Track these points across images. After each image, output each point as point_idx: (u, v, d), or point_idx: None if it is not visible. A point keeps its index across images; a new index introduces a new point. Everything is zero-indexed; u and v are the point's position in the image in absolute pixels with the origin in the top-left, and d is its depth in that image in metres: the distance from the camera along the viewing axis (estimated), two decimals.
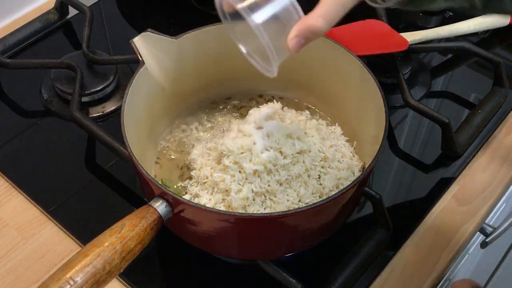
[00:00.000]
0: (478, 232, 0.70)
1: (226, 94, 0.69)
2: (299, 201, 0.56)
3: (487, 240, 0.70)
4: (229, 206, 0.55)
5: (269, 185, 0.55)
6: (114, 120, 0.74)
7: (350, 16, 0.78)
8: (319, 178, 0.58)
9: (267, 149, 0.56)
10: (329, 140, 0.61)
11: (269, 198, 0.56)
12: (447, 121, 0.68)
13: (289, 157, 0.56)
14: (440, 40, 0.81)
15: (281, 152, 0.56)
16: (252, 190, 0.55)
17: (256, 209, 0.55)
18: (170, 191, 0.50)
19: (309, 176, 0.57)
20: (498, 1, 0.45)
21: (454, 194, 0.68)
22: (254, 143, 0.56)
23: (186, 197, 0.58)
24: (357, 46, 0.71)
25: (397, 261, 0.62)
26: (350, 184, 0.51)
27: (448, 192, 0.68)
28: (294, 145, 0.57)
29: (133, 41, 0.59)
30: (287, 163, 0.56)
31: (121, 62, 0.75)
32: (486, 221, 0.69)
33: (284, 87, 0.69)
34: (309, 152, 0.57)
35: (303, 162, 0.57)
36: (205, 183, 0.58)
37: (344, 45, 0.62)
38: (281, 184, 0.56)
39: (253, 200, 0.55)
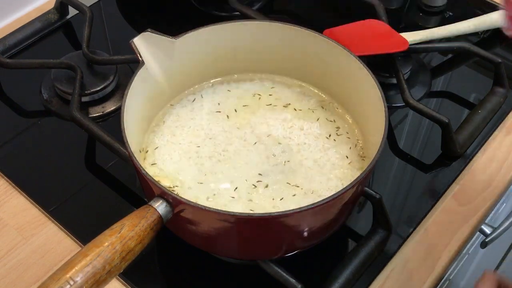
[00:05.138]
0: (478, 232, 0.70)
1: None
2: None
3: (487, 240, 0.70)
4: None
5: None
6: (114, 120, 0.74)
7: (350, 16, 0.78)
8: None
9: None
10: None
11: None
12: (447, 121, 0.68)
13: None
14: (440, 40, 0.81)
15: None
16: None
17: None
18: (170, 191, 0.50)
19: None
20: None
21: (454, 194, 0.68)
22: None
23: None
24: (357, 46, 0.71)
25: (397, 261, 0.62)
26: (350, 184, 0.51)
27: (448, 192, 0.68)
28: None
29: (133, 41, 0.59)
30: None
31: (121, 62, 0.75)
32: (486, 221, 0.69)
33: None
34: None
35: None
36: None
37: (344, 45, 0.62)
38: None
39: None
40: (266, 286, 0.59)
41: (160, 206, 0.50)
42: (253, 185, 0.58)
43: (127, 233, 0.47)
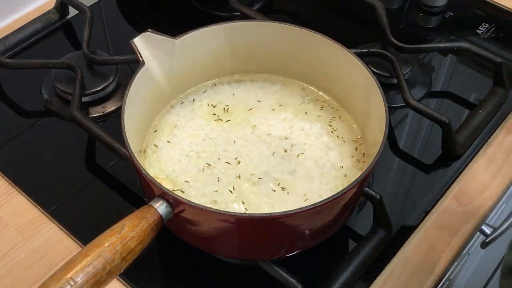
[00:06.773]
0: (478, 232, 0.70)
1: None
2: None
3: (487, 240, 0.70)
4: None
5: None
6: (114, 120, 0.74)
7: (350, 16, 0.78)
8: None
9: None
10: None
11: None
12: (447, 121, 0.68)
13: None
14: (440, 40, 0.81)
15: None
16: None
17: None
18: (170, 191, 0.50)
19: None
20: None
21: (454, 194, 0.68)
22: None
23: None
24: None
25: (397, 261, 0.62)
26: (350, 184, 0.51)
27: (448, 192, 0.68)
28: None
29: (133, 41, 0.59)
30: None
31: (121, 62, 0.75)
32: (486, 221, 0.69)
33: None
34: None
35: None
36: None
37: None
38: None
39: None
40: (266, 286, 0.59)
41: (160, 207, 0.50)
42: (254, 185, 0.58)
43: (127, 234, 0.47)
